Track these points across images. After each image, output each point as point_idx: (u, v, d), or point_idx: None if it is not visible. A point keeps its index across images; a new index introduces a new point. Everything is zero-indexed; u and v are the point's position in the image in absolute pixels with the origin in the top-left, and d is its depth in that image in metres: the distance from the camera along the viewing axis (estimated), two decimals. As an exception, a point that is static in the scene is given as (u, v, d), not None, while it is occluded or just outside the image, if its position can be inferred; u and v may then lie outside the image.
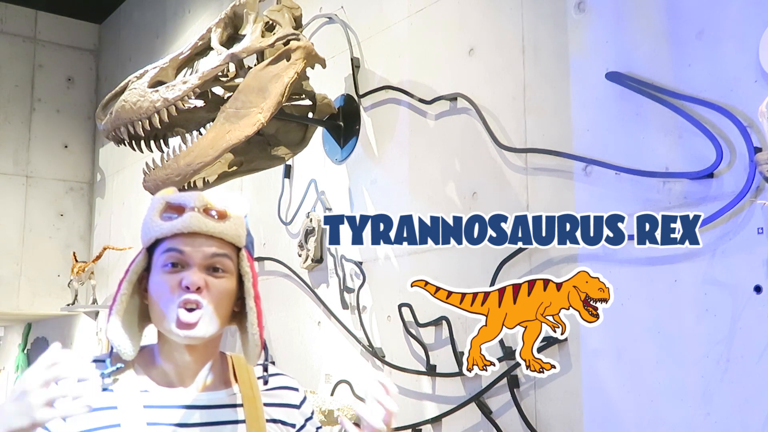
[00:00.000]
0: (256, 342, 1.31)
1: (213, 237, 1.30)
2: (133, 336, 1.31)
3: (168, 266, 1.28)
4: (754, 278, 1.77)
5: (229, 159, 2.85)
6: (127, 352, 1.29)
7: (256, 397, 1.36)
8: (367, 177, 3.05)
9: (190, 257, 1.28)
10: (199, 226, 1.29)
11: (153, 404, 1.28)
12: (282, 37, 2.68)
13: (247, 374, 1.39)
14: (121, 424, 1.24)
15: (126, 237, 5.34)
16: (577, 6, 2.26)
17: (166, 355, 1.33)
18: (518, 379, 2.31)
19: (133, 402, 1.27)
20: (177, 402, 1.30)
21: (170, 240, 1.29)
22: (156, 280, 1.29)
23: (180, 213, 1.30)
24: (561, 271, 2.21)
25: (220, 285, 1.30)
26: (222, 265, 1.31)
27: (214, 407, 1.33)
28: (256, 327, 1.31)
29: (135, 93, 2.50)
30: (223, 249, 1.31)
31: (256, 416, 1.34)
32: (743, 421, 1.77)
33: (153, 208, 1.33)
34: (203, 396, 1.33)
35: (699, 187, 1.90)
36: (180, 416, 1.29)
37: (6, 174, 5.82)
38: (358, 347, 3.00)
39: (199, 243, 1.29)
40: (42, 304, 5.84)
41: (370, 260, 2.98)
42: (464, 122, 2.62)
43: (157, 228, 1.30)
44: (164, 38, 5.16)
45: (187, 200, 1.31)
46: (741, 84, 1.83)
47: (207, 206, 1.32)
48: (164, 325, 1.28)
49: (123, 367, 1.30)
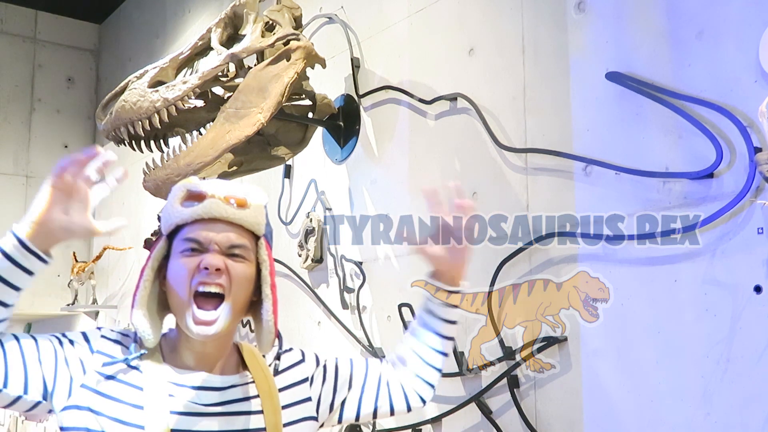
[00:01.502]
0: (271, 329, 1.33)
1: (233, 224, 1.32)
2: (154, 323, 1.34)
3: (188, 250, 1.31)
4: (754, 278, 1.77)
5: (229, 159, 2.85)
6: (150, 339, 1.31)
7: (268, 378, 1.38)
8: (367, 177, 3.05)
9: (210, 243, 1.30)
10: (220, 212, 1.31)
11: (176, 394, 1.30)
12: (282, 37, 2.68)
13: (257, 361, 1.41)
14: (144, 407, 1.26)
15: (126, 237, 5.34)
16: (577, 6, 2.26)
17: (184, 344, 1.35)
18: (518, 379, 2.31)
19: (158, 390, 1.29)
20: (197, 383, 1.32)
21: (190, 226, 1.32)
22: (175, 264, 1.31)
23: (200, 200, 1.32)
24: (561, 271, 2.22)
25: (239, 268, 1.31)
26: (241, 253, 1.32)
27: (228, 388, 1.35)
28: (271, 314, 1.33)
29: (135, 93, 2.50)
30: (242, 237, 1.33)
31: (270, 394, 1.36)
32: (743, 421, 1.77)
33: (174, 195, 1.35)
34: (218, 378, 1.35)
35: (699, 187, 1.89)
36: (198, 396, 1.31)
37: (6, 174, 5.82)
38: (358, 347, 3.00)
39: (219, 229, 1.31)
40: (42, 304, 5.83)
41: (370, 260, 2.98)
42: (464, 122, 2.62)
43: (178, 214, 1.32)
44: (164, 38, 5.16)
45: (207, 188, 1.34)
46: (741, 84, 1.83)
47: (227, 194, 1.34)
48: (181, 320, 1.31)
49: (146, 353, 1.32)
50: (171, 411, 1.27)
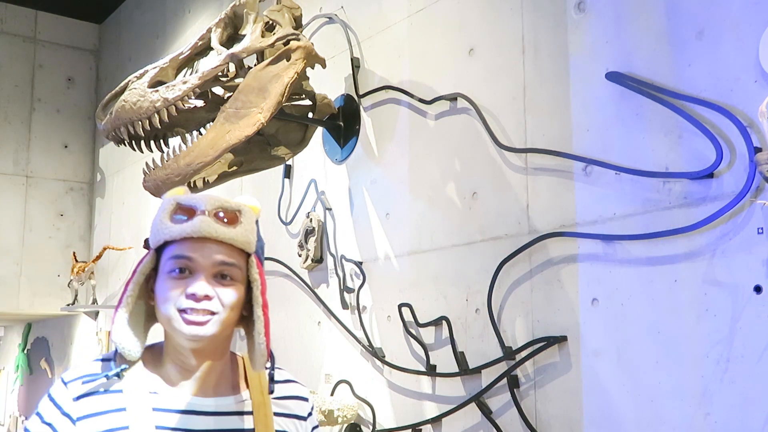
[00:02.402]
0: (263, 351, 1.29)
1: (222, 243, 1.28)
2: (139, 336, 1.30)
3: (175, 272, 1.27)
4: (754, 278, 1.77)
5: (229, 159, 2.86)
6: (132, 353, 1.28)
7: (266, 404, 1.34)
8: (367, 177, 3.05)
9: (198, 264, 1.26)
10: (209, 232, 1.27)
11: (161, 407, 1.27)
12: (282, 37, 2.68)
13: (258, 378, 1.37)
14: (129, 427, 1.24)
15: (126, 237, 5.34)
16: (577, 6, 2.26)
17: (172, 357, 1.32)
18: (518, 379, 2.31)
19: (142, 404, 1.26)
20: (185, 406, 1.29)
21: (179, 244, 1.27)
22: (162, 286, 1.28)
23: (191, 216, 1.28)
24: (561, 271, 2.22)
25: (227, 294, 1.28)
26: (230, 273, 1.28)
27: (222, 414, 1.31)
28: (263, 336, 1.28)
29: (135, 93, 2.50)
30: (232, 256, 1.29)
31: (266, 424, 1.32)
32: (743, 421, 1.77)
33: (164, 209, 1.30)
34: (212, 402, 1.31)
35: (699, 187, 1.90)
36: (188, 421, 1.27)
37: (6, 174, 5.82)
38: (358, 347, 3.00)
39: (208, 249, 1.27)
40: (42, 304, 5.84)
41: (370, 260, 2.98)
42: (464, 122, 2.62)
43: (167, 231, 1.28)
44: (164, 38, 5.16)
45: (198, 203, 1.29)
46: (741, 84, 1.83)
47: (218, 210, 1.29)
48: (171, 324, 1.27)
49: (127, 368, 1.29)
50: (156, 426, 1.24)
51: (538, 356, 2.24)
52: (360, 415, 2.94)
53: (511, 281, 2.37)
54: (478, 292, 2.47)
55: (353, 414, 2.93)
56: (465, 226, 2.57)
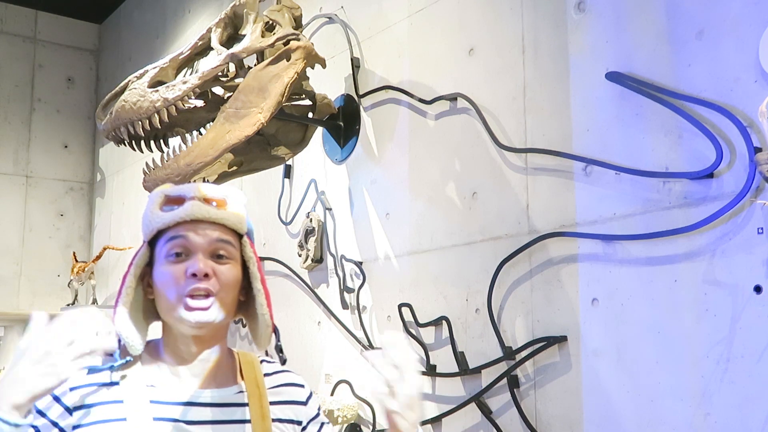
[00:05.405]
0: (267, 323, 1.32)
1: (215, 223, 1.31)
2: (140, 330, 1.31)
3: (172, 256, 1.28)
4: (754, 278, 1.77)
5: (229, 159, 2.86)
6: (136, 345, 1.29)
7: (262, 395, 1.35)
8: (367, 177, 3.05)
9: (195, 244, 1.28)
10: (202, 213, 1.29)
11: (159, 399, 1.28)
12: (282, 37, 2.68)
13: (253, 371, 1.38)
14: (127, 418, 1.24)
15: (126, 237, 5.34)
16: (577, 6, 2.26)
17: (172, 348, 1.32)
18: (518, 379, 2.31)
19: (139, 396, 1.26)
20: (183, 398, 1.29)
21: (173, 229, 1.29)
22: (161, 271, 1.29)
23: (180, 203, 1.31)
24: (561, 271, 2.22)
25: (226, 271, 1.30)
26: (226, 252, 1.31)
27: (220, 405, 1.32)
28: (266, 307, 1.32)
29: (135, 93, 2.50)
30: (227, 235, 1.31)
31: (262, 415, 1.33)
32: (743, 421, 1.77)
33: (152, 202, 1.33)
34: (210, 393, 1.32)
35: (699, 187, 1.90)
36: (186, 413, 1.28)
37: (6, 174, 5.82)
38: (358, 347, 3.00)
39: (203, 229, 1.29)
40: (42, 304, 5.83)
41: (370, 260, 2.98)
42: (464, 122, 2.62)
43: (158, 219, 1.30)
44: (164, 38, 5.16)
45: (186, 191, 1.32)
46: (741, 84, 1.83)
47: (206, 195, 1.32)
48: (174, 314, 1.27)
49: (131, 361, 1.30)
50: (154, 418, 1.24)
51: (538, 356, 2.24)
52: (360, 415, 2.94)
53: (511, 281, 2.37)
54: (478, 292, 2.47)
55: (353, 414, 2.93)
56: (465, 226, 2.57)
